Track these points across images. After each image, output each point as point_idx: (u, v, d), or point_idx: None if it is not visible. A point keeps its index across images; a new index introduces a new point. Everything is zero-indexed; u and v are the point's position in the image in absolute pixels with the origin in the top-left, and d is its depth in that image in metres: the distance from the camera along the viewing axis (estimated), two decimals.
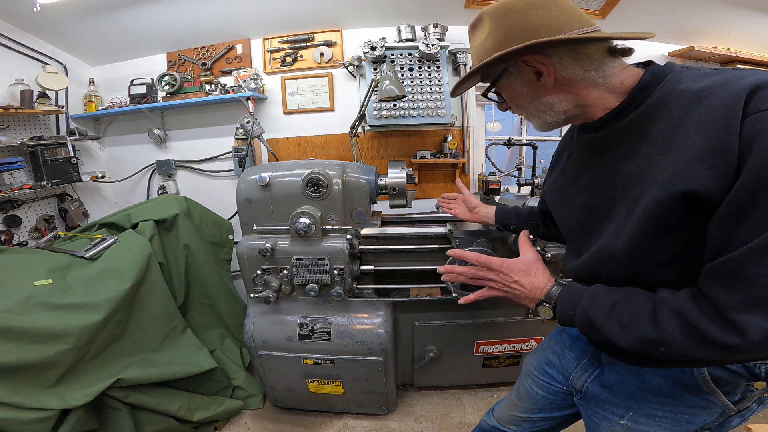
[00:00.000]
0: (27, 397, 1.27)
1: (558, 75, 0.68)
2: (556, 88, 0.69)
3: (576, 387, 0.90)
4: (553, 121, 0.73)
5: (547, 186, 0.95)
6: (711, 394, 0.69)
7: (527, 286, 0.77)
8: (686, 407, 0.72)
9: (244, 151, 2.39)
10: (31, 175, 2.22)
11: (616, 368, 0.80)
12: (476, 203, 1.37)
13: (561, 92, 0.69)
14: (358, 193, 1.64)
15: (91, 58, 2.60)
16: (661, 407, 0.74)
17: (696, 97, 0.55)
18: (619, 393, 0.79)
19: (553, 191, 0.91)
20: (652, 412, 0.75)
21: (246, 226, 1.69)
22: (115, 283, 1.58)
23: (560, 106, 0.71)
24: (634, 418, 0.77)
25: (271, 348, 1.72)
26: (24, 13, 2.03)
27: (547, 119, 0.73)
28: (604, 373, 0.83)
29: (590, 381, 0.86)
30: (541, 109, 0.72)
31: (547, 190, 0.95)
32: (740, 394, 0.68)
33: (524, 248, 0.85)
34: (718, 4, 2.22)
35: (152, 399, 1.59)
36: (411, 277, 1.79)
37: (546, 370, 1.00)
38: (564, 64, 0.66)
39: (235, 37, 2.49)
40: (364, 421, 1.87)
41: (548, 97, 0.70)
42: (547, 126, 0.75)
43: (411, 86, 2.30)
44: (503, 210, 1.28)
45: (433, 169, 2.58)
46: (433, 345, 1.84)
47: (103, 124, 2.74)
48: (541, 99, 0.71)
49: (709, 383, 0.68)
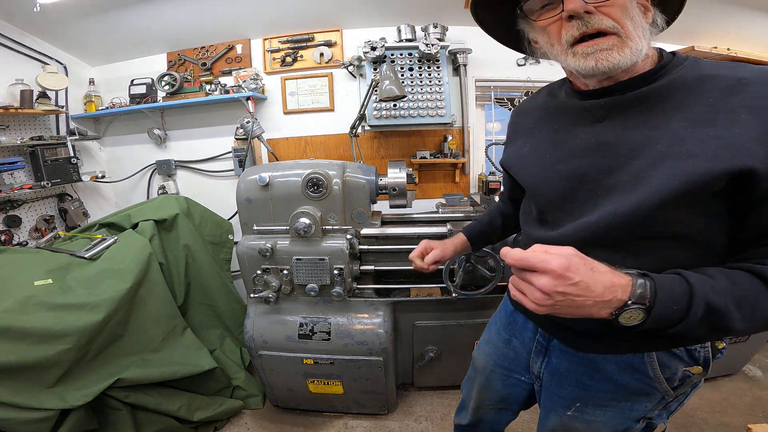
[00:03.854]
0: (27, 397, 1.27)
1: (649, 18, 0.64)
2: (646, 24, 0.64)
3: (533, 371, 0.90)
4: (624, 60, 0.60)
5: (510, 154, 0.88)
6: (655, 380, 0.71)
7: (598, 288, 0.52)
8: (631, 394, 0.73)
9: (244, 151, 2.39)
10: (31, 175, 2.22)
11: (568, 356, 0.78)
12: (434, 244, 1.14)
13: (647, 35, 0.63)
14: (358, 193, 1.64)
15: (91, 58, 2.60)
16: (608, 395, 0.75)
17: (738, 83, 0.56)
18: (568, 382, 0.79)
19: (518, 159, 0.84)
20: (599, 402, 0.76)
21: (246, 226, 1.69)
22: (115, 283, 1.58)
23: (643, 47, 0.61)
24: (581, 408, 0.78)
25: (271, 348, 1.72)
26: (24, 13, 2.03)
27: (624, 53, 0.59)
28: (552, 361, 0.82)
29: (543, 369, 0.86)
30: (642, 32, 0.61)
31: (510, 158, 0.88)
32: (678, 380, 0.71)
33: None
34: (718, 4, 2.22)
35: (152, 399, 1.59)
36: (411, 277, 1.79)
37: (503, 364, 0.99)
38: (655, 11, 0.65)
39: (235, 37, 2.49)
40: (364, 421, 1.87)
41: (645, 30, 0.63)
42: (608, 63, 0.60)
43: (411, 86, 2.29)
44: (471, 229, 1.17)
45: (433, 169, 2.58)
46: (433, 345, 1.84)
47: (103, 124, 2.73)
48: (643, 26, 0.62)
49: (656, 368, 0.70)
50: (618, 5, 0.59)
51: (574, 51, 0.62)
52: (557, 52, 0.65)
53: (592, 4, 0.59)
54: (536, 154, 0.78)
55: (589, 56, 0.60)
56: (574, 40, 0.62)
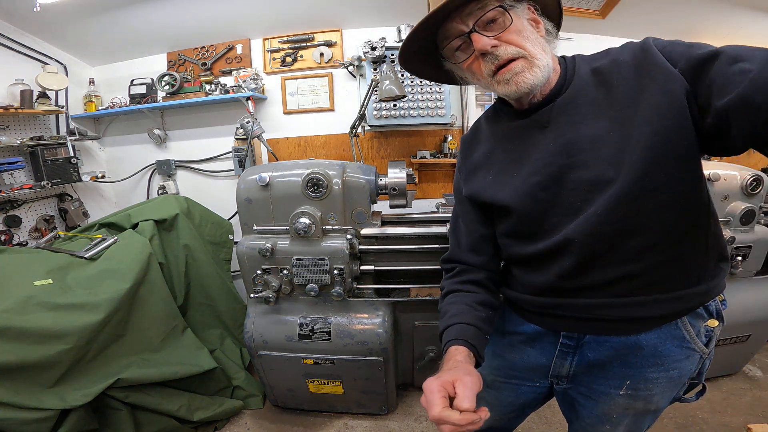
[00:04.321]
0: (27, 397, 1.27)
1: (542, 30, 0.75)
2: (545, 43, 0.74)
3: (561, 374, 0.87)
4: (537, 78, 0.70)
5: (475, 186, 0.85)
6: (692, 341, 0.75)
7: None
8: (675, 362, 0.76)
9: (244, 151, 2.39)
10: (31, 175, 2.22)
11: (606, 345, 0.78)
12: (448, 378, 0.68)
13: (548, 48, 0.73)
14: (358, 193, 1.64)
15: (91, 58, 2.60)
16: (656, 368, 0.76)
17: (634, 63, 0.68)
18: (612, 366, 0.79)
19: (487, 186, 0.83)
20: (649, 376, 0.77)
21: (246, 226, 1.69)
22: (115, 283, 1.58)
23: (548, 61, 0.72)
24: (632, 385, 0.78)
25: (271, 348, 1.72)
26: (24, 13, 2.03)
27: (535, 72, 0.69)
28: (587, 356, 0.81)
29: (575, 365, 0.84)
30: (542, 48, 0.72)
31: (477, 189, 0.85)
32: (705, 336, 0.76)
33: None
34: (718, 4, 2.22)
35: (152, 399, 1.59)
36: (411, 277, 1.79)
37: (513, 374, 0.94)
38: (543, 21, 0.75)
39: (235, 37, 2.49)
40: (364, 421, 1.87)
41: (544, 45, 0.73)
42: (525, 84, 0.69)
43: (411, 86, 2.30)
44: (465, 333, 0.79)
45: (433, 169, 2.58)
46: (433, 345, 1.84)
47: (103, 124, 2.74)
48: (541, 42, 0.72)
49: (689, 330, 0.74)
50: (514, 31, 0.69)
51: (497, 80, 0.71)
52: (484, 84, 0.75)
53: (493, 38, 0.69)
54: (504, 176, 0.80)
55: (509, 81, 0.70)
56: (493, 72, 0.71)
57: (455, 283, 0.91)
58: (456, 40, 0.74)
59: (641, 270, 0.69)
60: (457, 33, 0.73)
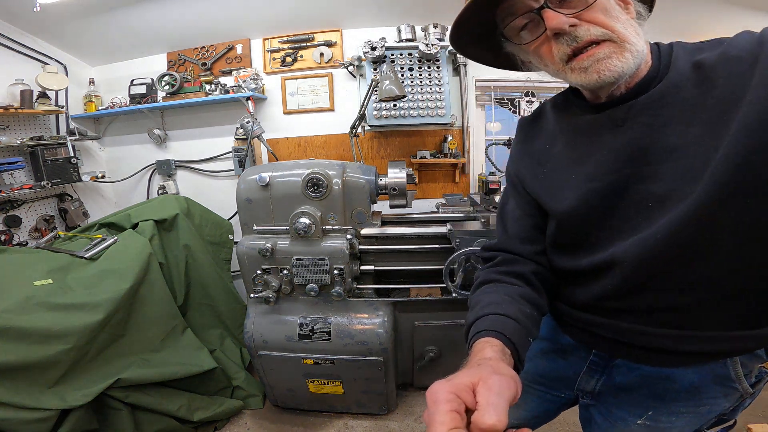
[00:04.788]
0: (27, 397, 1.27)
1: (632, 11, 0.61)
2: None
3: (586, 390, 0.84)
4: (627, 66, 0.56)
5: (527, 177, 0.77)
6: (737, 381, 0.66)
7: None
8: (710, 398, 0.68)
9: (244, 151, 2.39)
10: (31, 175, 2.22)
11: (637, 372, 0.72)
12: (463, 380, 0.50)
13: (641, 32, 0.59)
14: (358, 193, 1.64)
15: (91, 58, 2.60)
16: (686, 403, 0.69)
17: (737, 62, 0.54)
18: (638, 393, 0.73)
19: (537, 184, 0.75)
20: (674, 410, 0.70)
21: (246, 226, 1.69)
22: (115, 283, 1.58)
23: (642, 47, 0.58)
24: (654, 417, 0.72)
25: (271, 348, 1.72)
26: (24, 13, 2.03)
27: (625, 58, 0.56)
28: (615, 379, 0.77)
29: (600, 384, 0.80)
30: (635, 30, 0.58)
31: (527, 181, 0.77)
32: (755, 377, 0.67)
33: None
34: (717, 4, 2.22)
35: (152, 399, 1.59)
36: (411, 277, 1.79)
37: (541, 381, 0.91)
38: (633, 1, 0.61)
39: (235, 37, 2.49)
40: (364, 421, 1.87)
41: (636, 27, 0.59)
42: (611, 72, 0.56)
43: (411, 86, 2.30)
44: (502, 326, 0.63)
45: (433, 169, 2.58)
46: (433, 345, 1.84)
47: (103, 124, 2.73)
48: (632, 24, 0.59)
49: (738, 370, 0.65)
50: (599, 9, 0.57)
51: (571, 67, 0.59)
52: (553, 70, 0.63)
53: (573, 16, 0.56)
54: (558, 175, 0.71)
55: (588, 69, 0.57)
56: (567, 57, 0.58)
57: (494, 272, 0.76)
58: (521, 17, 0.61)
59: (696, 303, 0.59)
60: (524, 9, 0.60)
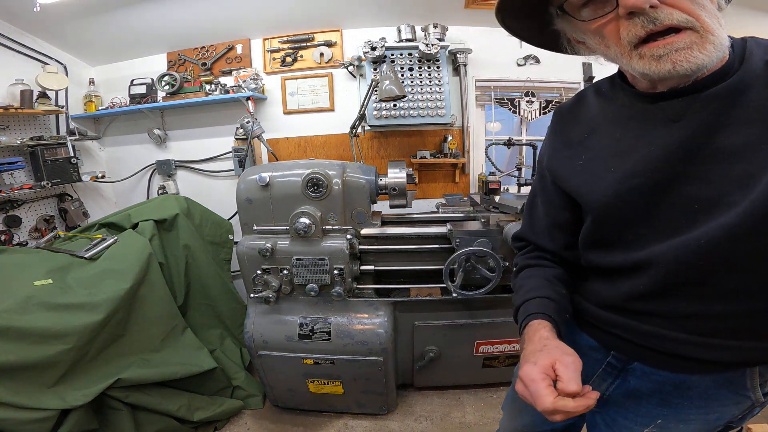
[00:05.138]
0: (27, 397, 1.27)
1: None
2: None
3: None
4: (708, 59, 0.51)
5: (558, 166, 0.74)
6: (751, 389, 0.64)
7: None
8: (721, 406, 0.66)
9: (244, 151, 2.39)
10: (31, 175, 2.22)
11: (651, 377, 0.70)
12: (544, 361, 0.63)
13: (723, 23, 0.53)
14: (358, 193, 1.64)
15: (91, 58, 2.60)
16: (696, 410, 0.67)
17: None
18: (649, 401, 0.72)
19: (572, 174, 0.71)
20: (684, 417, 0.69)
21: (246, 226, 1.69)
22: (115, 283, 1.58)
23: (725, 39, 0.52)
24: (662, 425, 0.71)
25: (271, 348, 1.72)
26: (24, 13, 2.03)
27: (707, 51, 0.50)
28: (630, 383, 0.74)
29: (612, 389, 0.78)
30: (719, 21, 0.52)
31: (559, 170, 0.74)
32: None
33: None
34: None
35: (152, 399, 1.59)
36: (411, 277, 1.79)
37: None
38: None
39: (235, 37, 2.49)
40: (364, 421, 1.87)
41: (720, 17, 0.53)
42: (690, 64, 0.51)
43: (411, 86, 2.30)
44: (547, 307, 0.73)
45: (433, 169, 2.58)
46: (433, 345, 1.84)
47: (103, 124, 2.74)
48: (716, 14, 0.52)
49: (755, 378, 0.63)
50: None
51: (640, 53, 0.53)
52: (615, 53, 0.57)
53: None
54: (597, 167, 0.66)
55: (663, 58, 0.51)
56: (638, 41, 0.53)
57: (529, 258, 0.83)
58: None
59: (728, 313, 0.57)
60: None
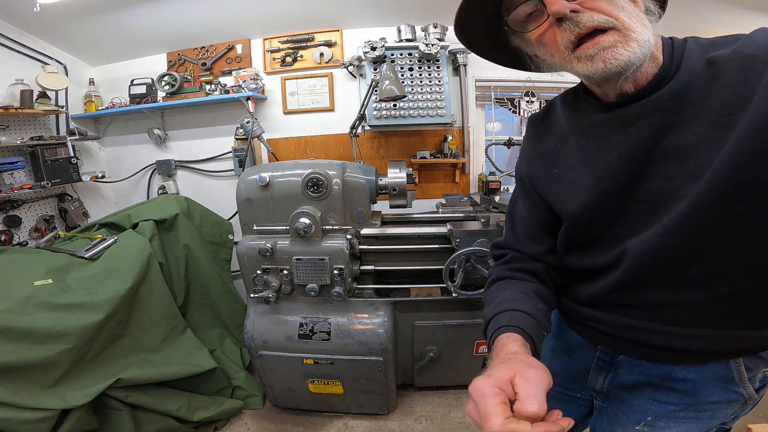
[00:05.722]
0: (27, 397, 1.27)
1: (641, 5, 0.58)
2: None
3: (596, 389, 0.82)
4: (633, 55, 0.54)
5: (538, 177, 0.76)
6: (740, 385, 0.65)
7: None
8: (712, 403, 0.67)
9: (244, 151, 2.39)
10: (31, 175, 2.22)
11: (639, 369, 0.71)
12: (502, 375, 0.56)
13: (648, 24, 0.57)
14: (358, 193, 1.64)
15: (91, 58, 2.60)
16: (687, 408, 0.68)
17: (752, 61, 0.52)
18: (638, 396, 0.72)
19: (548, 183, 0.75)
20: (674, 414, 0.69)
21: (246, 226, 1.69)
22: (115, 283, 1.58)
23: (648, 37, 0.55)
24: (651, 422, 0.71)
25: (271, 348, 1.72)
26: (24, 13, 2.03)
27: (631, 48, 0.54)
28: (620, 375, 0.75)
29: (607, 383, 0.79)
30: (641, 21, 0.55)
31: (539, 181, 0.76)
32: (759, 382, 0.67)
33: None
34: (718, 4, 2.22)
35: (152, 399, 1.59)
36: (411, 277, 1.79)
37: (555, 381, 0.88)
38: None
39: (235, 37, 2.49)
40: (364, 421, 1.87)
41: (642, 18, 0.57)
42: (618, 61, 0.54)
43: (411, 86, 2.29)
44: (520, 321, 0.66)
45: (433, 169, 2.58)
46: (433, 345, 1.84)
47: (103, 124, 2.73)
48: (638, 15, 0.56)
49: (742, 373, 0.64)
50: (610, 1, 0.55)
51: (577, 56, 0.57)
52: (560, 61, 0.61)
53: (575, 2, 0.55)
54: (570, 176, 0.70)
55: (594, 58, 0.55)
56: (572, 45, 0.57)
57: (506, 269, 0.79)
58: (525, 5, 0.60)
59: (697, 301, 0.60)
60: None
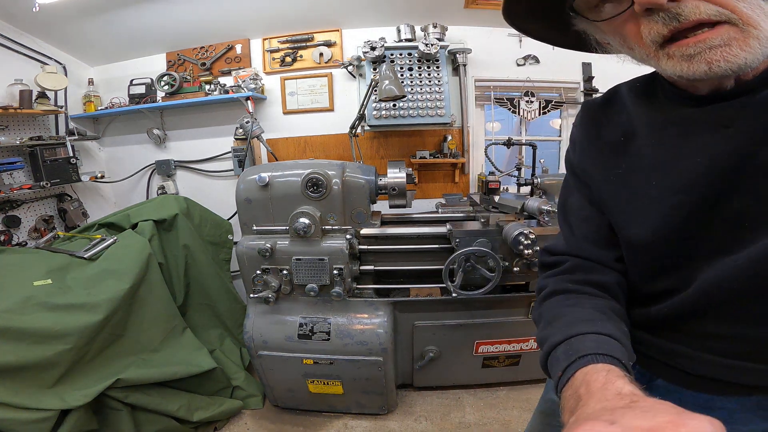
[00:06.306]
0: (27, 397, 1.26)
1: None
2: None
3: None
4: (751, 56, 0.41)
5: (594, 175, 0.64)
6: None
7: None
8: (742, 424, 0.60)
9: (243, 151, 2.39)
10: (31, 176, 2.22)
11: (675, 395, 0.64)
12: None
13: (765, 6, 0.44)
14: (358, 193, 1.64)
15: (90, 58, 2.60)
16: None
17: None
18: None
19: (606, 189, 0.62)
20: None
21: (246, 226, 1.69)
22: (115, 284, 1.58)
23: None
24: None
25: (270, 348, 1.72)
26: (24, 13, 2.03)
27: (750, 47, 0.41)
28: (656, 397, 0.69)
29: None
30: (763, 11, 0.41)
31: (594, 182, 0.64)
32: None
33: None
34: None
35: (152, 399, 1.59)
36: (411, 277, 1.79)
37: None
38: None
39: (234, 37, 2.49)
40: (363, 421, 1.87)
41: (764, 6, 0.43)
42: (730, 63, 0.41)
43: (411, 86, 2.30)
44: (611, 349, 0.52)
45: (432, 169, 2.58)
46: (433, 345, 1.84)
47: (103, 124, 2.73)
48: (759, 2, 0.42)
49: None
50: None
51: (668, 53, 0.45)
52: (641, 54, 0.48)
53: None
54: (636, 181, 0.58)
55: (695, 58, 0.43)
56: (663, 39, 0.44)
57: (567, 281, 0.64)
58: None
59: (758, 337, 0.51)
60: None
